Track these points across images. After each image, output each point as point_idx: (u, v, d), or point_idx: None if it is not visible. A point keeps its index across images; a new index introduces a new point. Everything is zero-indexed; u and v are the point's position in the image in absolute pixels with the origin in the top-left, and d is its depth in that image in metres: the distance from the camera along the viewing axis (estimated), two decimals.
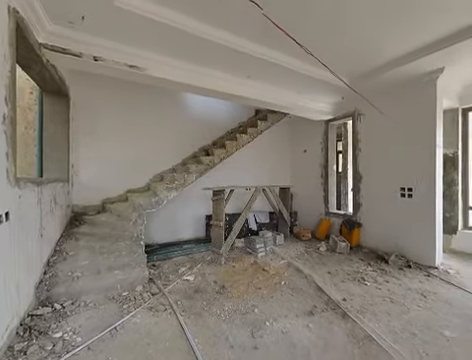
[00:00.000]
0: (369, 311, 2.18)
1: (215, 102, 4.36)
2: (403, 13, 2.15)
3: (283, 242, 4.32)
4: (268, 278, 2.90)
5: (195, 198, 4.44)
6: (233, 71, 3.14)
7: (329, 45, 2.64)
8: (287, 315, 2.13)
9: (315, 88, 3.72)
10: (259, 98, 3.55)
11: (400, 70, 3.07)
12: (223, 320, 2.07)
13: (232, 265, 3.33)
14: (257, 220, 4.83)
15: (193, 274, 3.01)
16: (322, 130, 4.90)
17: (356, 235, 4.03)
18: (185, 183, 3.44)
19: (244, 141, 4.12)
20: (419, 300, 2.37)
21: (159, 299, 2.40)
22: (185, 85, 3.02)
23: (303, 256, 3.69)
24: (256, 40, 2.54)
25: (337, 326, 1.97)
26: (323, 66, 2.68)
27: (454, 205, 3.86)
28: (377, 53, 2.85)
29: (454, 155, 3.87)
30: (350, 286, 2.68)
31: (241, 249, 4.02)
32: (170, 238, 4.28)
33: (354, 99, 3.73)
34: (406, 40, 2.58)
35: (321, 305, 2.29)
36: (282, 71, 3.06)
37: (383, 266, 3.23)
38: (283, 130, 5.62)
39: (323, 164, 4.89)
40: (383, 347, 1.71)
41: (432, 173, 3.17)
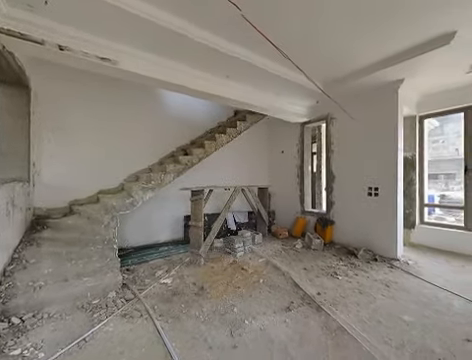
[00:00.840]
0: (341, 303, 2.32)
1: (194, 101, 4.29)
2: (371, 27, 2.34)
3: (261, 241, 4.40)
4: (247, 277, 2.93)
5: (173, 198, 4.32)
6: (212, 70, 3.12)
7: (305, 51, 2.76)
8: (265, 312, 2.18)
9: (292, 91, 3.86)
10: (238, 99, 3.58)
11: (368, 78, 3.33)
12: (202, 322, 2.04)
13: (211, 266, 3.31)
14: (236, 220, 4.86)
15: (171, 277, 2.93)
16: (298, 132, 5.10)
17: (329, 232, 4.27)
18: (162, 183, 3.33)
19: (223, 141, 4.12)
20: (383, 290, 2.59)
21: (134, 305, 2.29)
22: (162, 82, 2.92)
23: (281, 254, 3.80)
24: (236, 41, 2.56)
25: (312, 320, 2.06)
26: (299, 70, 2.79)
27: (412, 202, 4.28)
28: (348, 61, 3.06)
29: (412, 158, 4.30)
30: (324, 280, 2.83)
31: (220, 249, 4.02)
32: (146, 241, 4.12)
33: (327, 103, 3.94)
34: (373, 51, 2.81)
35: (297, 300, 2.38)
36: (261, 73, 3.12)
37: (353, 260, 3.46)
38: (261, 131, 5.74)
39: (299, 165, 5.09)
40: (353, 336, 1.83)
41: (394, 174, 3.49)
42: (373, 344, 1.75)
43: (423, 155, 4.32)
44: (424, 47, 2.62)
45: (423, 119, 4.30)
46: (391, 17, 2.21)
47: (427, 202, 4.40)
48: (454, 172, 12.03)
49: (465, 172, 3.82)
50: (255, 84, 3.55)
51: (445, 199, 8.98)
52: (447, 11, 2.12)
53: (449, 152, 12.75)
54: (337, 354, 1.67)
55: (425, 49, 2.63)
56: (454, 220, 5.26)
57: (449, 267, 3.19)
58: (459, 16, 2.19)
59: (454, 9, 2.10)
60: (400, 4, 2.05)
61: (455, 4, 2.04)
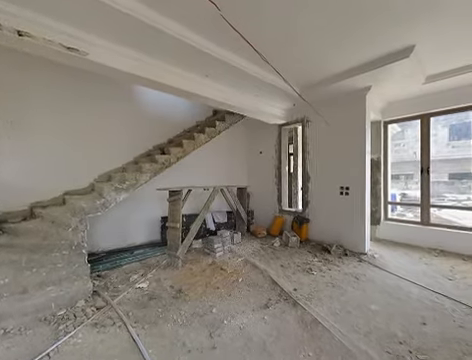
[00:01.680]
0: (315, 297, 2.44)
1: (172, 99, 4.17)
2: (342, 37, 2.50)
3: (241, 240, 4.44)
4: (226, 277, 2.94)
5: (149, 199, 4.16)
6: (192, 69, 3.06)
7: (283, 55, 2.85)
8: (244, 311, 2.20)
9: (270, 93, 3.95)
10: (217, 98, 3.56)
11: (339, 84, 3.54)
12: (180, 325, 2.00)
13: (190, 267, 3.24)
14: (215, 220, 4.83)
15: (147, 281, 2.81)
16: (276, 134, 5.24)
17: (305, 230, 4.46)
18: (137, 183, 3.18)
19: (202, 141, 4.07)
20: (353, 282, 2.78)
21: (106, 313, 2.15)
22: (138, 77, 2.79)
23: (259, 252, 3.87)
24: (216, 41, 2.54)
25: (289, 315, 2.14)
26: (277, 73, 2.87)
27: (378, 201, 4.66)
28: (322, 67, 3.23)
29: (378, 159, 4.68)
30: (300, 276, 2.94)
31: (199, 250, 3.96)
32: (120, 244, 3.90)
33: (304, 107, 4.12)
34: (344, 60, 3.01)
35: (275, 297, 2.45)
36: (240, 74, 3.14)
37: (327, 256, 3.66)
38: (240, 131, 5.78)
39: (277, 165, 5.24)
40: (326, 327, 1.94)
41: (363, 174, 3.77)
42: (344, 333, 1.87)
43: (387, 157, 4.73)
44: (387, 59, 2.88)
45: (387, 124, 4.71)
46: (360, 29, 2.39)
47: (390, 200, 4.82)
48: (412, 173, 13.36)
49: (421, 173, 4.27)
50: (234, 85, 3.57)
51: (405, 197, 9.93)
52: (407, 27, 2.35)
53: (408, 155, 14.11)
54: (312, 345, 1.75)
55: (388, 60, 2.89)
56: (412, 216, 5.84)
57: (409, 259, 3.53)
58: (417, 32, 2.44)
59: (413, 26, 2.34)
60: (368, 18, 2.22)
61: (414, 21, 2.27)
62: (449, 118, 12.78)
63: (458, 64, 3.14)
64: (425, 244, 4.03)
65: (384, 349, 1.71)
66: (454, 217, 5.87)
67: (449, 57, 2.97)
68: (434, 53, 2.85)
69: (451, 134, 13.62)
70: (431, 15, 2.19)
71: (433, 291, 2.53)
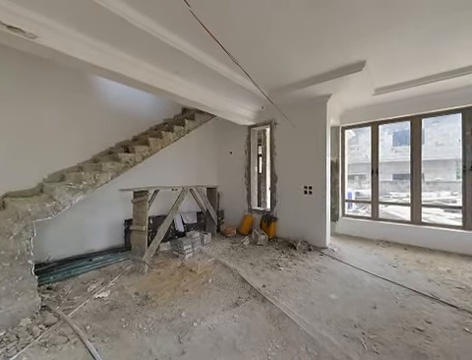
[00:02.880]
0: (282, 292, 2.56)
1: (138, 94, 3.93)
2: (306, 47, 2.67)
3: (211, 241, 4.40)
4: (196, 279, 2.88)
5: (111, 201, 3.84)
6: (161, 64, 2.93)
7: (253, 58, 2.92)
8: (214, 311, 2.19)
9: (240, 95, 4.01)
10: (187, 97, 3.47)
11: (304, 90, 3.78)
12: (146, 333, 1.89)
13: (157, 272, 3.10)
14: (184, 221, 4.70)
15: (108, 289, 2.59)
16: (246, 135, 5.34)
17: (273, 228, 4.64)
18: (97, 184, 2.90)
19: (170, 139, 3.92)
20: (316, 275, 2.99)
21: (58, 329, 1.92)
22: (99, 68, 2.54)
23: (229, 252, 3.90)
24: (187, 38, 2.48)
25: (258, 311, 2.20)
26: (247, 75, 2.92)
27: (337, 199, 5.11)
28: (289, 73, 3.40)
29: (337, 161, 5.13)
30: (268, 273, 3.05)
31: (167, 253, 3.81)
32: (75, 251, 3.51)
33: (272, 109, 4.28)
34: (308, 68, 3.22)
35: (245, 295, 2.49)
36: (210, 73, 3.12)
37: (293, 252, 3.87)
38: (211, 131, 5.74)
39: (246, 165, 5.34)
40: (292, 319, 2.05)
41: (324, 175, 4.09)
42: (308, 323, 2.00)
43: (344, 159, 5.22)
44: (344, 70, 3.18)
45: (344, 129, 5.20)
46: (322, 42, 2.59)
47: (347, 198, 5.33)
48: (365, 174, 15.02)
49: (372, 174, 4.83)
50: (205, 83, 3.53)
51: (359, 195, 11.09)
52: (360, 44, 2.63)
53: (362, 157, 15.81)
54: (279, 338, 1.83)
55: (344, 72, 3.19)
56: (365, 212, 6.55)
57: (362, 251, 3.95)
58: (368, 50, 2.75)
59: (365, 43, 2.62)
60: (328, 31, 2.41)
61: (365, 39, 2.55)
62: (393, 126, 14.73)
63: (400, 80, 3.64)
64: (375, 237, 4.56)
65: (342, 333, 1.88)
66: (397, 212, 6.77)
67: (393, 74, 3.42)
68: (382, 69, 3.24)
69: (394, 140, 15.71)
70: (380, 36, 2.48)
71: (381, 278, 2.87)
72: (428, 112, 4.15)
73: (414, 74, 3.43)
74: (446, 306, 2.26)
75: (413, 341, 1.80)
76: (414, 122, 4.33)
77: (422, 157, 4.28)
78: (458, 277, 2.88)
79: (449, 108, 3.94)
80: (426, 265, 3.27)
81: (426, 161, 4.18)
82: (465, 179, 3.89)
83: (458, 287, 2.62)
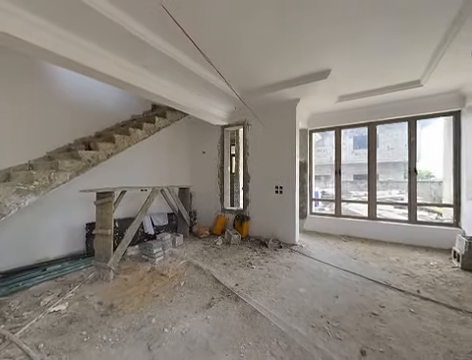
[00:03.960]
0: (255, 289, 2.61)
1: (103, 87, 3.63)
2: (277, 53, 2.78)
3: (183, 242, 4.29)
4: (167, 282, 2.78)
5: (70, 203, 3.48)
6: (128, 56, 2.74)
7: (226, 60, 2.93)
8: (187, 315, 2.14)
9: (213, 94, 3.99)
10: (157, 93, 3.32)
11: (275, 94, 3.93)
12: (112, 345, 1.76)
13: (124, 278, 2.90)
14: (154, 223, 4.50)
15: (66, 301, 2.34)
16: (219, 134, 5.33)
17: (246, 227, 4.72)
18: (52, 184, 2.60)
19: (139, 137, 3.71)
20: (286, 271, 3.13)
21: (3, 352, 1.67)
22: (52, 54, 2.28)
23: (202, 253, 3.85)
24: (157, 32, 2.37)
25: (231, 310, 2.21)
26: (219, 75, 2.92)
27: (305, 198, 5.42)
28: (261, 76, 3.49)
29: (305, 162, 5.44)
30: (241, 272, 3.09)
31: (135, 257, 3.59)
32: (25, 261, 3.09)
33: (245, 110, 4.35)
34: (279, 72, 3.35)
35: (218, 295, 2.48)
36: (182, 70, 3.04)
37: (264, 250, 3.98)
38: (183, 130, 5.59)
39: (220, 165, 5.33)
40: (264, 316, 2.11)
41: (293, 175, 4.30)
42: (279, 318, 2.08)
43: (312, 160, 5.56)
44: (311, 77, 3.39)
45: (312, 132, 5.54)
46: (291, 48, 2.71)
47: (314, 197, 5.69)
48: (329, 174, 16.18)
49: (335, 174, 5.24)
50: (176, 80, 3.42)
51: (325, 194, 11.91)
52: (326, 53, 2.83)
53: (327, 159, 17.01)
54: (252, 335, 1.87)
55: (311, 79, 3.40)
56: (329, 210, 7.07)
57: (327, 246, 4.26)
58: (333, 59, 2.97)
59: (329, 53, 2.83)
60: (297, 40, 2.54)
61: (329, 49, 2.75)
62: (353, 131, 16.17)
63: (359, 90, 4.01)
64: (338, 232, 4.96)
65: (310, 324, 2.00)
66: (356, 209, 7.45)
67: (353, 83, 3.75)
68: (344, 78, 3.53)
69: (354, 144, 17.27)
70: (342, 47, 2.70)
71: (343, 270, 3.13)
72: (381, 119, 4.66)
73: (370, 85, 3.82)
74: (396, 291, 2.56)
75: (369, 325, 2.00)
76: (371, 128, 4.82)
77: (377, 159, 4.79)
78: (405, 265, 3.29)
79: (398, 117, 4.49)
80: (380, 256, 3.67)
81: (380, 163, 4.73)
82: (410, 179, 4.47)
83: (405, 274, 3.00)
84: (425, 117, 4.36)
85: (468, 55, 2.73)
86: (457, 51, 2.68)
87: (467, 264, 3.09)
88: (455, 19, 2.20)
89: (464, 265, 3.10)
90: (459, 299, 2.38)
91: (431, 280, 2.81)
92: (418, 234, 4.20)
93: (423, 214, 7.17)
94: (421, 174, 12.51)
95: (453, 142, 4.13)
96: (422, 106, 4.19)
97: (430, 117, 4.37)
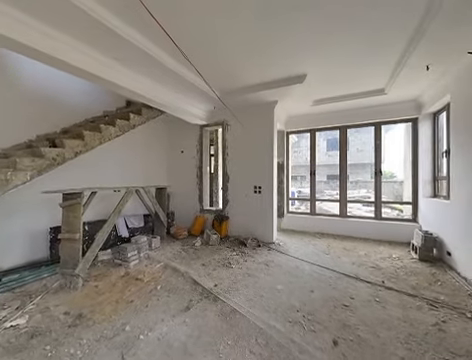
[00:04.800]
0: (234, 288, 2.62)
1: (71, 79, 3.34)
2: (256, 55, 2.82)
3: (160, 245, 4.14)
4: (142, 287, 2.66)
5: (30, 205, 3.15)
6: (99, 48, 2.57)
7: (206, 59, 2.90)
8: (164, 319, 2.07)
9: (192, 93, 3.92)
10: (131, 88, 3.17)
11: (254, 95, 3.98)
12: (80, 358, 1.63)
13: (95, 285, 2.71)
14: (129, 225, 4.28)
15: (26, 314, 2.12)
16: (198, 134, 5.25)
17: (225, 227, 4.72)
18: (8, 184, 2.34)
19: (112, 134, 3.50)
20: (264, 269, 3.19)
21: None
22: (18, 44, 2.05)
23: (180, 254, 3.76)
24: (132, 24, 2.26)
25: (210, 311, 2.19)
26: (198, 73, 2.87)
27: (282, 197, 5.59)
28: (240, 77, 3.51)
29: (282, 163, 5.61)
30: (220, 272, 3.08)
31: (108, 262, 3.38)
32: None
33: (224, 110, 4.34)
34: (258, 75, 3.40)
35: (197, 297, 2.45)
36: (159, 67, 2.94)
37: (243, 249, 4.02)
38: (160, 128, 5.41)
39: (198, 165, 5.26)
40: (243, 314, 2.13)
41: (271, 175, 4.41)
42: (257, 315, 2.11)
43: (288, 161, 5.76)
44: (288, 81, 3.50)
45: (289, 134, 5.73)
46: (270, 51, 2.77)
47: (291, 196, 5.90)
48: (305, 174, 16.91)
49: (310, 175, 5.48)
50: (153, 77, 3.29)
51: (301, 194, 12.41)
52: (302, 58, 2.95)
53: (302, 160, 17.75)
54: (231, 334, 1.87)
55: (289, 82, 3.52)
56: (305, 208, 7.37)
57: (303, 243, 4.44)
58: (309, 65, 3.10)
59: (305, 58, 2.95)
60: (275, 44, 2.61)
61: (304, 55, 2.87)
62: (327, 134, 17.11)
63: (332, 95, 4.24)
64: (313, 229, 5.20)
65: (287, 320, 2.07)
66: (330, 207, 7.88)
67: (327, 88, 3.96)
68: (319, 83, 3.71)
69: (328, 146, 18.27)
70: (316, 53, 2.83)
71: (317, 265, 3.29)
72: (352, 124, 4.99)
73: (341, 91, 4.06)
74: (364, 283, 2.76)
75: (341, 316, 2.13)
76: (342, 131, 5.14)
77: (348, 161, 5.12)
78: (372, 258, 3.56)
79: (366, 121, 4.85)
80: (350, 251, 3.93)
81: (350, 164, 5.07)
82: (376, 180, 4.86)
83: (372, 266, 3.25)
84: (388, 122, 4.79)
85: (423, 69, 3.05)
86: (413, 66, 2.98)
87: (423, 255, 3.45)
88: (412, 37, 2.45)
89: (421, 256, 3.46)
90: (416, 287, 2.65)
91: (393, 271, 3.08)
92: (383, 230, 4.58)
93: (387, 211, 7.84)
94: (385, 175, 13.67)
95: (411, 146, 4.58)
96: (386, 112, 4.58)
97: (393, 123, 4.80)
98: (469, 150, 2.83)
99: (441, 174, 3.92)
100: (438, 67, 3.01)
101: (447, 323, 2.01)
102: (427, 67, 2.98)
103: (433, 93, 3.72)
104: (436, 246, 3.46)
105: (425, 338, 1.83)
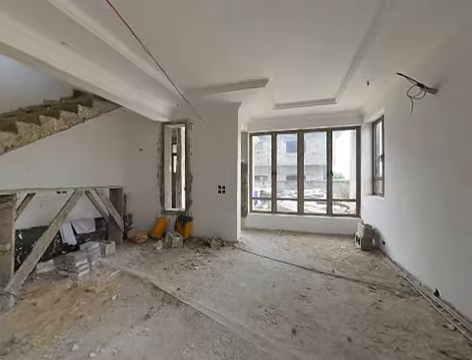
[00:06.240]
0: (198, 290, 2.58)
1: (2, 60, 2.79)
2: (219, 56, 2.82)
3: (115, 251, 3.79)
4: (94, 299, 2.39)
5: None
6: (41, 29, 2.20)
7: (169, 54, 2.77)
8: (120, 332, 1.90)
9: (153, 88, 3.70)
10: (81, 77, 2.81)
11: (219, 95, 3.98)
12: None
13: (31, 303, 2.32)
14: (77, 231, 3.79)
15: None
16: (159, 131, 4.99)
17: (188, 228, 4.59)
18: None
19: (54, 127, 3.05)
20: (228, 267, 3.22)
21: None
22: None
23: (139, 259, 3.50)
24: (80, 5, 2.00)
25: (172, 316, 2.10)
26: (160, 69, 2.72)
27: (246, 197, 5.74)
28: (205, 77, 3.46)
29: (246, 163, 5.76)
30: (183, 275, 2.99)
31: (49, 275, 2.94)
32: None
33: (187, 108, 4.22)
34: (222, 75, 3.41)
35: (158, 303, 2.32)
36: (114, 56, 2.68)
37: (207, 250, 3.98)
38: (115, 122, 4.94)
39: (160, 165, 5.00)
40: (207, 315, 2.11)
41: (235, 175, 4.48)
42: (221, 314, 2.12)
43: (252, 162, 5.94)
44: (251, 84, 3.61)
45: (252, 136, 5.91)
46: (233, 54, 2.81)
47: (254, 196, 6.10)
48: (267, 175, 17.69)
49: (272, 175, 5.77)
50: (108, 67, 2.99)
51: (263, 193, 12.93)
52: (264, 63, 3.07)
53: (265, 161, 18.55)
54: (195, 337, 1.83)
55: (252, 85, 3.63)
56: (267, 207, 7.71)
57: (264, 240, 4.64)
58: (270, 69, 3.25)
59: (267, 64, 3.09)
60: (238, 46, 2.65)
61: (266, 61, 3.00)
62: (286, 136, 18.26)
63: (291, 100, 4.55)
64: (274, 227, 5.47)
65: (250, 315, 2.13)
66: (289, 206, 8.43)
67: (287, 94, 4.22)
68: (279, 88, 3.93)
69: (287, 148, 19.51)
70: (277, 60, 2.99)
71: (278, 261, 3.48)
72: (308, 128, 5.44)
73: (299, 98, 4.39)
74: (318, 273, 3.04)
75: (299, 306, 2.30)
76: (300, 135, 5.55)
77: (305, 162, 5.56)
78: (325, 251, 3.95)
79: (319, 127, 5.35)
80: (307, 245, 4.27)
81: (307, 166, 5.54)
82: (328, 180, 5.41)
83: (324, 258, 3.60)
84: (338, 129, 5.38)
85: (364, 84, 3.52)
86: (357, 80, 3.41)
87: (365, 245, 3.98)
88: (358, 52, 2.79)
89: (363, 246, 3.99)
90: (359, 273, 3.04)
91: (342, 261, 3.48)
92: (334, 224, 5.12)
93: (337, 208, 8.78)
94: (335, 175, 15.31)
95: (356, 150, 5.24)
96: (336, 120, 5.14)
97: (341, 129, 5.42)
98: (397, 156, 3.39)
99: (378, 175, 4.59)
100: (376, 83, 3.51)
101: (382, 302, 2.36)
102: (368, 82, 3.44)
103: (372, 105, 4.32)
104: (374, 237, 4.03)
105: (366, 317, 2.12)
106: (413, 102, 2.71)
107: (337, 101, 4.33)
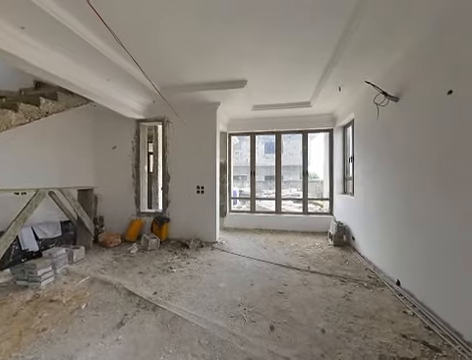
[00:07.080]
0: (175, 293, 2.51)
1: None
2: (198, 55, 2.77)
3: (84, 256, 3.53)
4: (60, 310, 2.20)
5: None
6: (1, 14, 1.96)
7: (145, 48, 2.65)
8: (90, 343, 1.77)
9: (128, 84, 3.51)
10: (43, 67, 2.56)
11: (197, 94, 3.92)
12: None
13: None
14: (39, 236, 3.45)
15: None
16: (134, 129, 4.76)
17: (165, 230, 4.45)
18: None
19: (12, 121, 2.74)
20: (207, 269, 3.19)
21: None
22: None
23: (111, 264, 3.30)
24: None
25: (148, 322, 2.02)
26: (135, 63, 2.59)
27: (224, 197, 5.73)
28: (183, 74, 3.38)
29: (225, 163, 5.75)
30: (160, 278, 2.89)
31: (6, 286, 2.63)
32: None
33: (165, 106, 4.08)
34: (200, 74, 3.36)
35: (132, 309, 2.21)
36: (83, 46, 2.49)
37: (186, 251, 3.90)
38: (85, 119, 4.61)
39: (135, 164, 4.77)
40: (185, 318, 2.06)
41: (214, 175, 4.45)
42: (200, 316, 2.09)
43: (230, 162, 5.95)
44: (230, 84, 3.62)
45: (231, 136, 5.93)
46: (212, 53, 2.78)
47: (232, 196, 6.12)
48: (246, 175, 17.89)
49: (250, 175, 5.85)
50: (75, 58, 2.76)
51: (242, 193, 13.04)
52: (242, 65, 3.10)
53: (243, 161, 18.74)
54: (172, 342, 1.78)
55: (231, 86, 3.64)
56: (246, 207, 7.79)
57: (243, 240, 4.68)
58: (248, 71, 3.28)
59: (245, 65, 3.12)
60: (216, 46, 2.64)
61: (245, 62, 3.03)
62: (265, 137, 18.65)
63: (268, 102, 4.65)
64: (253, 226, 5.55)
65: (229, 315, 2.13)
66: (267, 205, 8.62)
67: (265, 96, 4.31)
68: (258, 90, 3.99)
69: (265, 149, 19.93)
70: (254, 62, 3.03)
71: (256, 259, 3.54)
72: (285, 130, 5.61)
73: (276, 100, 4.51)
74: (295, 270, 3.15)
75: (276, 302, 2.36)
76: (277, 136, 5.70)
77: (282, 163, 5.73)
78: (300, 248, 4.11)
79: (295, 129, 5.55)
80: (284, 243, 4.41)
81: (284, 166, 5.72)
82: (303, 180, 5.64)
83: (301, 255, 3.74)
84: (313, 131, 5.64)
85: (336, 90, 3.74)
86: (330, 86, 3.61)
87: (337, 241, 4.23)
88: (331, 59, 2.95)
89: (335, 242, 4.24)
90: (332, 268, 3.22)
91: (316, 257, 3.65)
92: (309, 222, 5.35)
93: (312, 207, 9.20)
94: (310, 175, 16.04)
95: (329, 152, 5.54)
96: (311, 122, 5.38)
97: (316, 132, 5.69)
98: (364, 158, 3.66)
99: (348, 175, 4.91)
100: (347, 89, 3.74)
101: (352, 293, 2.53)
102: (339, 88, 3.66)
103: (343, 110, 4.61)
104: (345, 233, 4.31)
105: (338, 308, 2.25)
106: (379, 109, 2.95)
107: (312, 104, 4.54)
